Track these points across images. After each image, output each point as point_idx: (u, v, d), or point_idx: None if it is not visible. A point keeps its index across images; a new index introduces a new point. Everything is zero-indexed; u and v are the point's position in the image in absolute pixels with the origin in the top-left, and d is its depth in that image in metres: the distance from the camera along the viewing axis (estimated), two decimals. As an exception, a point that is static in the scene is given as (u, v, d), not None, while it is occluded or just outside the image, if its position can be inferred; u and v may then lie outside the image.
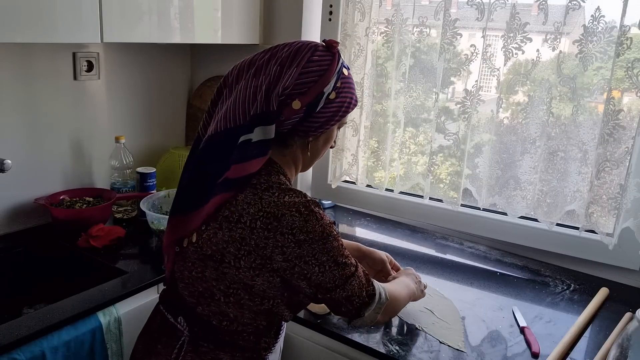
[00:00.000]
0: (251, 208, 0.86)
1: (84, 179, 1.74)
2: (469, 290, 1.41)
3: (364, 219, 1.90)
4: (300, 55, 0.88)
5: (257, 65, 0.90)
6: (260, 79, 0.88)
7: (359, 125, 1.76)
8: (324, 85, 0.88)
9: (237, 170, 0.87)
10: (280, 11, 1.82)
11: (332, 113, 0.91)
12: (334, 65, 0.90)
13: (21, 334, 1.05)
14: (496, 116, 1.52)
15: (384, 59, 1.70)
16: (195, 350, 0.93)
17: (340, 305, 0.93)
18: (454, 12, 1.52)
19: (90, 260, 1.42)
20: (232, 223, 0.86)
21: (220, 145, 0.88)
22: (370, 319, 0.96)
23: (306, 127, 0.90)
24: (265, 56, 0.91)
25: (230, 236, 0.86)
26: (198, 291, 0.92)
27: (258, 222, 0.85)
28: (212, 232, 0.88)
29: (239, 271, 0.86)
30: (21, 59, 1.51)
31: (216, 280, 0.89)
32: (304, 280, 0.88)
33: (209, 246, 0.88)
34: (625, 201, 1.38)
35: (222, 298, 0.89)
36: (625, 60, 1.31)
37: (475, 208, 1.65)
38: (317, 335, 1.20)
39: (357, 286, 0.92)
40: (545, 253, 1.57)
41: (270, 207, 0.85)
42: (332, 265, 0.88)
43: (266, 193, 0.87)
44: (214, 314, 0.91)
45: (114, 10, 1.35)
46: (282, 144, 0.93)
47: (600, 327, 1.25)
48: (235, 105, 0.88)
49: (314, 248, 0.85)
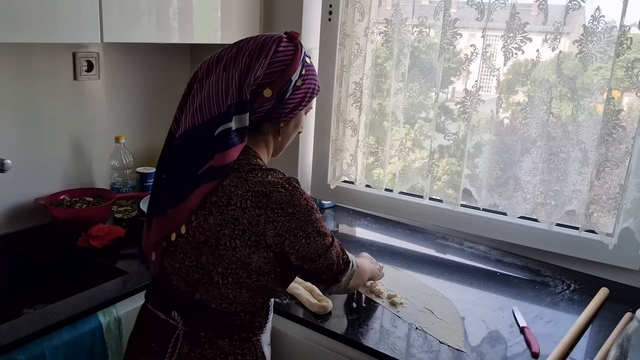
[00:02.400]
0: (239, 190, 0.91)
1: (84, 179, 1.74)
2: (469, 290, 1.41)
3: (363, 219, 1.90)
4: (267, 47, 0.93)
5: (225, 60, 0.95)
6: (231, 71, 0.93)
7: (357, 126, 1.76)
8: (291, 74, 0.95)
9: (221, 159, 0.91)
10: (280, 11, 1.82)
11: (299, 99, 0.98)
12: (298, 54, 0.96)
13: (21, 334, 1.05)
14: (496, 116, 1.52)
15: (383, 59, 1.70)
16: (192, 341, 0.96)
17: (321, 274, 0.99)
18: (454, 12, 1.52)
19: (90, 260, 1.42)
20: (222, 207, 0.91)
21: (199, 137, 0.93)
22: (344, 285, 1.04)
23: (277, 114, 0.97)
24: (232, 50, 0.96)
25: (223, 219, 0.90)
26: (194, 279, 0.94)
27: (248, 202, 0.90)
28: (202, 220, 0.92)
29: (236, 251, 0.91)
30: (21, 59, 1.51)
31: (214, 265, 0.92)
32: (293, 254, 0.94)
33: (202, 233, 0.92)
34: (625, 201, 1.38)
35: (220, 280, 0.92)
36: (625, 60, 1.31)
37: (475, 208, 1.65)
38: (317, 335, 1.20)
39: (336, 254, 1.00)
40: (545, 253, 1.57)
41: (258, 187, 0.91)
42: (316, 235, 0.95)
43: (250, 175, 0.92)
44: (214, 297, 0.94)
45: (113, 10, 1.35)
46: (255, 131, 0.98)
47: (600, 327, 1.25)
48: (209, 98, 0.93)
49: (300, 220, 0.92)
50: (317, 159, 1.91)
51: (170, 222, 0.95)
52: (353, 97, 1.74)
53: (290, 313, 1.24)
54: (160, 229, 0.97)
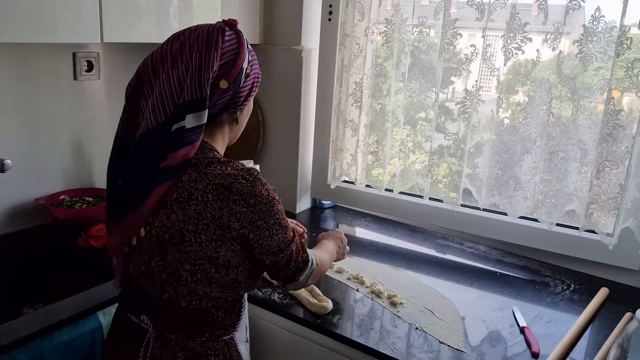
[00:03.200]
0: (199, 184, 0.90)
1: (84, 179, 1.74)
2: (469, 290, 1.41)
3: (363, 219, 1.90)
4: (214, 39, 0.92)
5: (171, 57, 0.92)
6: (180, 68, 0.90)
7: (358, 126, 1.76)
8: (242, 62, 0.94)
9: (175, 158, 0.89)
10: (280, 11, 1.82)
11: (250, 84, 0.98)
12: (242, 41, 0.95)
13: (21, 334, 1.05)
14: (496, 116, 1.52)
15: (384, 59, 1.70)
16: (162, 345, 0.96)
17: (279, 270, 0.99)
18: (454, 12, 1.52)
19: (90, 260, 1.42)
20: (183, 203, 0.90)
21: (154, 139, 0.91)
22: (302, 283, 1.04)
23: (235, 103, 0.97)
24: (174, 46, 0.93)
25: (185, 215, 0.89)
26: (161, 279, 0.93)
27: (209, 195, 0.89)
28: (164, 218, 0.91)
29: (201, 246, 0.90)
30: (21, 59, 1.51)
31: (180, 262, 0.91)
32: (257, 248, 0.94)
33: (165, 231, 0.91)
34: (625, 201, 1.38)
35: (189, 277, 0.92)
36: (625, 60, 1.31)
37: (475, 208, 1.65)
38: (317, 335, 1.20)
39: (295, 251, 1.00)
40: (545, 253, 1.57)
41: (217, 179, 0.90)
42: (278, 228, 0.95)
43: (209, 168, 0.91)
44: (183, 295, 0.93)
45: (113, 10, 1.35)
46: (212, 124, 0.96)
47: (600, 327, 1.25)
48: (162, 99, 0.90)
49: (263, 211, 0.91)
50: (317, 159, 1.91)
51: (131, 225, 0.94)
52: (353, 97, 1.74)
53: (290, 313, 1.24)
54: (122, 234, 0.95)
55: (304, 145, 1.90)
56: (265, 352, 1.31)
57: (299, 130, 1.85)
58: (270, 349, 1.30)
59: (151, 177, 0.90)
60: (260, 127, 1.91)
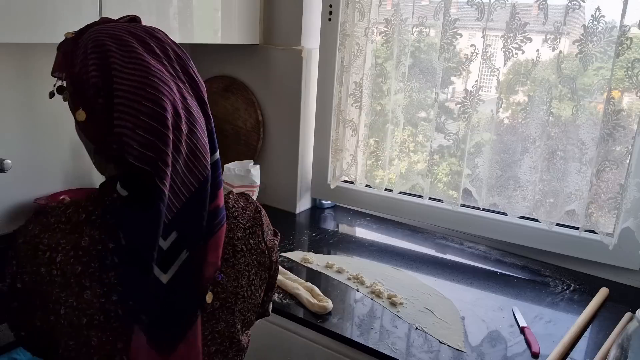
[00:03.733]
0: (237, 232, 0.81)
1: (84, 179, 1.74)
2: (469, 290, 1.41)
3: (363, 219, 1.90)
4: (186, 52, 0.88)
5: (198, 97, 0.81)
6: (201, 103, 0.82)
7: (357, 126, 1.76)
8: None
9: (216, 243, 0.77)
10: (280, 11, 1.82)
11: None
12: None
13: (21, 334, 1.04)
14: (496, 116, 1.52)
15: (384, 59, 1.70)
16: None
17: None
18: (454, 12, 1.52)
19: (90, 260, 1.42)
20: (230, 259, 0.79)
21: (196, 211, 0.73)
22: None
23: None
24: (183, 79, 0.81)
25: (236, 271, 0.80)
26: (211, 352, 0.79)
27: (251, 241, 0.83)
28: (219, 290, 0.78)
29: (252, 298, 0.83)
30: (21, 59, 1.51)
31: (233, 324, 0.81)
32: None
33: (216, 299, 0.78)
34: (625, 201, 1.38)
35: (239, 337, 0.83)
36: (625, 60, 1.31)
37: (475, 208, 1.65)
38: (317, 335, 1.20)
39: None
40: (545, 253, 1.57)
41: (248, 222, 0.83)
42: None
43: (233, 212, 0.82)
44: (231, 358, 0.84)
45: (113, 10, 1.35)
46: None
47: (600, 327, 1.25)
48: (198, 154, 0.75)
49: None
50: (317, 159, 1.91)
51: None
52: (353, 97, 1.74)
53: (290, 313, 1.24)
54: None
55: (304, 145, 1.90)
56: (265, 352, 1.31)
57: (299, 130, 1.85)
58: (271, 349, 1.30)
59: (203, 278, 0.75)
60: (260, 127, 1.91)
